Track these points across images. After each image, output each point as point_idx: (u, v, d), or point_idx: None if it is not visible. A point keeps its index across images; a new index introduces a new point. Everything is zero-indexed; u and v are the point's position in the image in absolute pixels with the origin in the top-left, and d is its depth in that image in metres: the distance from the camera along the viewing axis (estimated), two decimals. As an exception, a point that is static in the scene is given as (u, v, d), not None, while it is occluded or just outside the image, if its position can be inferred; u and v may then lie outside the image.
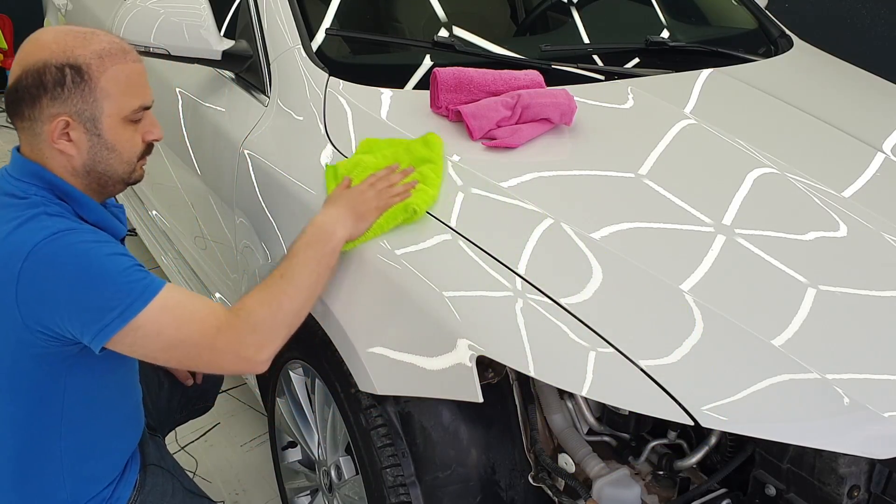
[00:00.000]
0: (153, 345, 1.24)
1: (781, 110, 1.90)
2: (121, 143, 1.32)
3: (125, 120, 1.32)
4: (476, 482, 1.35)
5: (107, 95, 1.28)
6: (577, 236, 1.34)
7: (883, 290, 1.31)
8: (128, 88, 1.31)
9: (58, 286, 1.20)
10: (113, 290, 1.21)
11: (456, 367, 1.22)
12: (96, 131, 1.29)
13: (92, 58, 1.26)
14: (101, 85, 1.27)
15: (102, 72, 1.27)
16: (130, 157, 1.35)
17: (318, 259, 1.33)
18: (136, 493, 1.50)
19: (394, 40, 2.13)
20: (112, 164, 1.33)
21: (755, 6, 2.56)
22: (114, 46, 1.30)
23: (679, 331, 1.18)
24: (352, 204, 1.38)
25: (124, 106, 1.30)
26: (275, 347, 1.31)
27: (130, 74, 1.31)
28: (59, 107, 1.26)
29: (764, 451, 1.26)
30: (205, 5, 1.83)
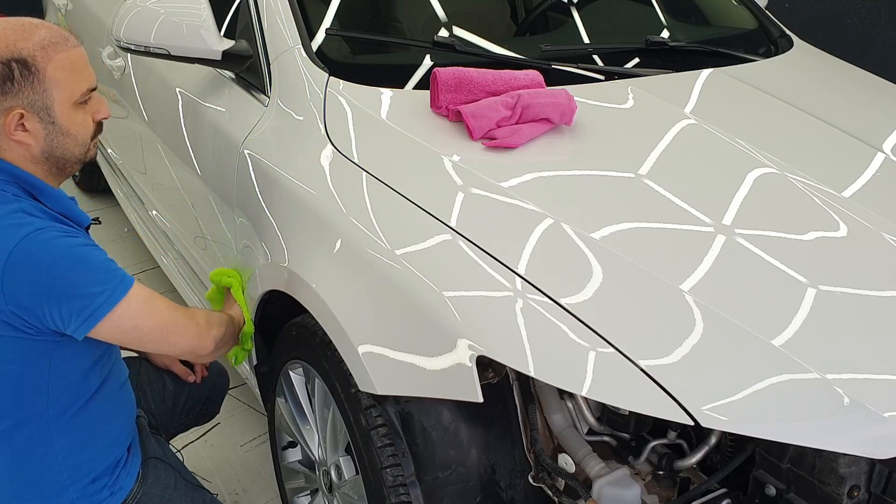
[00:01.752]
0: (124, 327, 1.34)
1: (781, 110, 1.89)
2: (74, 126, 1.37)
3: (76, 104, 1.36)
4: (476, 482, 1.35)
5: (56, 84, 1.32)
6: (577, 236, 1.34)
7: (883, 290, 1.31)
8: (74, 74, 1.34)
9: (43, 280, 1.25)
10: (97, 279, 1.29)
11: (456, 367, 1.22)
12: (50, 119, 1.33)
13: (36, 49, 1.30)
14: (49, 74, 1.31)
15: (48, 61, 1.31)
16: (84, 138, 1.40)
17: None
18: (138, 485, 1.52)
19: (394, 40, 2.13)
20: (69, 147, 1.37)
21: (755, 6, 2.56)
22: (54, 35, 1.34)
23: (679, 331, 1.18)
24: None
25: (74, 91, 1.35)
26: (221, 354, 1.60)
27: (74, 60, 1.35)
28: (12, 100, 1.29)
29: (764, 451, 1.26)
30: (205, 5, 1.83)
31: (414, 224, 1.41)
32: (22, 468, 1.40)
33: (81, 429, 1.43)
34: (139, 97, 2.50)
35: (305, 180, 1.60)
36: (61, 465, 1.42)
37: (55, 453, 1.41)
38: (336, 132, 1.66)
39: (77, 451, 1.43)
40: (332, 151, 1.62)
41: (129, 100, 2.58)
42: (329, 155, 1.62)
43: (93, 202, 3.82)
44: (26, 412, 1.37)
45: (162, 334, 1.41)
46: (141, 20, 1.82)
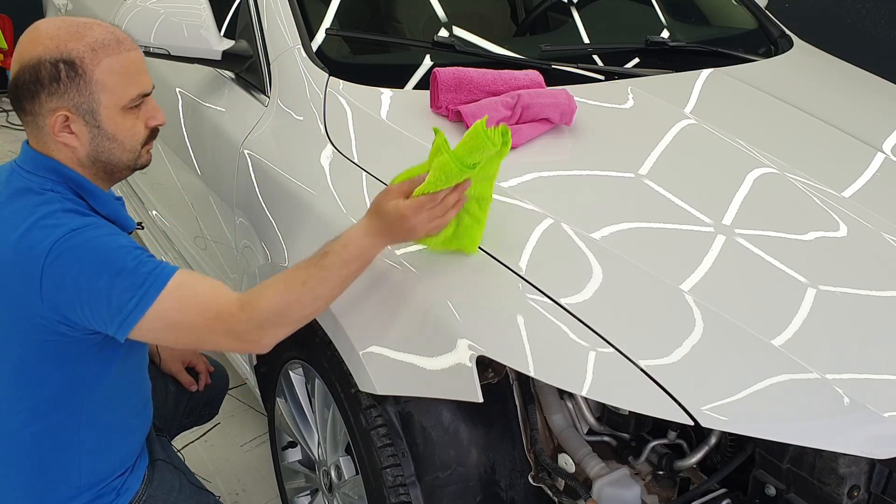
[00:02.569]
0: (160, 327, 1.26)
1: (781, 110, 1.89)
2: (121, 132, 1.33)
3: (124, 109, 1.32)
4: (476, 482, 1.35)
5: (103, 87, 1.29)
6: (577, 236, 1.34)
7: (883, 290, 1.31)
8: (124, 79, 1.31)
9: (79, 282, 1.22)
10: (129, 280, 1.23)
11: (456, 367, 1.22)
12: (95, 123, 1.30)
13: (85, 51, 1.27)
14: (96, 77, 1.28)
15: (96, 64, 1.28)
16: (133, 144, 1.36)
17: (344, 277, 1.30)
18: (144, 486, 1.52)
19: (394, 40, 2.13)
20: (115, 152, 1.34)
21: (755, 6, 2.56)
22: (107, 37, 1.30)
23: (679, 331, 1.18)
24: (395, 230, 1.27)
25: (122, 96, 1.31)
26: (275, 340, 1.31)
27: (126, 64, 1.32)
28: (57, 101, 1.27)
29: (764, 451, 1.26)
30: (205, 5, 1.83)
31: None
32: (42, 470, 1.39)
33: (109, 430, 1.42)
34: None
35: (305, 180, 1.60)
36: (82, 469, 1.41)
37: (79, 456, 1.40)
38: (336, 132, 1.66)
39: (100, 453, 1.42)
40: (332, 151, 1.62)
41: (129, 100, 2.57)
42: (329, 155, 1.62)
43: (93, 202, 3.82)
44: (62, 414, 1.36)
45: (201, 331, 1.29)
46: (141, 20, 1.82)
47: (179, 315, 1.26)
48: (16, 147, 4.80)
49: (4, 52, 5.33)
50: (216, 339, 1.30)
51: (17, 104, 1.30)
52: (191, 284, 1.29)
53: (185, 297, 1.27)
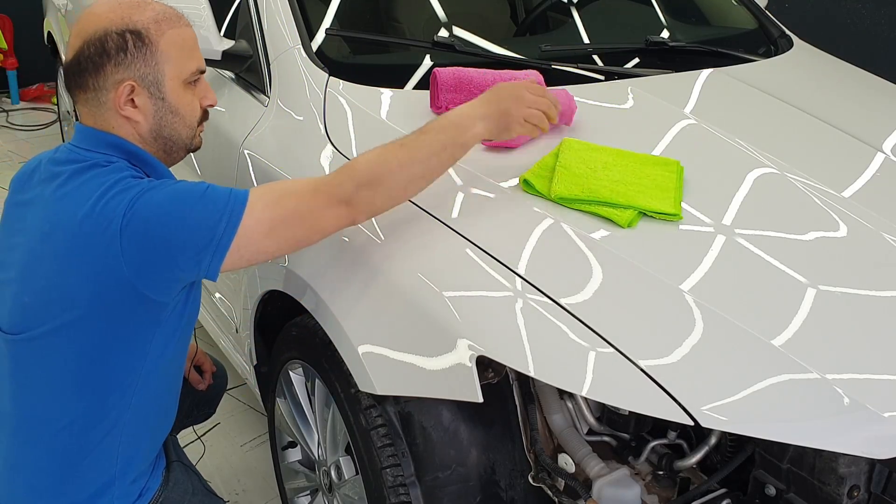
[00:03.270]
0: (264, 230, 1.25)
1: (781, 110, 1.90)
2: (183, 106, 1.35)
3: (185, 83, 1.34)
4: (476, 482, 1.35)
5: (167, 59, 1.31)
6: (577, 236, 1.34)
7: (883, 290, 1.31)
8: (185, 51, 1.33)
9: (164, 228, 1.21)
10: (212, 206, 1.23)
11: (456, 367, 1.22)
12: (160, 94, 1.32)
13: (150, 22, 1.29)
14: (162, 48, 1.30)
15: (161, 35, 1.30)
16: (192, 121, 1.37)
17: (444, 144, 1.32)
18: (161, 489, 1.50)
19: (394, 40, 2.13)
20: (177, 128, 1.35)
21: (755, 6, 2.56)
22: (168, 11, 1.34)
23: (679, 331, 1.18)
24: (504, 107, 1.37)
25: (184, 68, 1.33)
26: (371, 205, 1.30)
27: (186, 38, 1.35)
28: (124, 72, 1.28)
29: (764, 451, 1.26)
30: (205, 5, 1.83)
31: (414, 224, 1.41)
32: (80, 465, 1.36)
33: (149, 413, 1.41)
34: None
35: (305, 180, 1.60)
36: (118, 463, 1.39)
37: (118, 448, 1.37)
38: (336, 132, 1.66)
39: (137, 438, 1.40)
40: (331, 151, 1.62)
41: (129, 100, 2.57)
42: (329, 155, 1.62)
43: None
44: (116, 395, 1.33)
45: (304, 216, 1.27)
46: (141, 20, 1.82)
47: (276, 210, 1.26)
48: (16, 147, 4.80)
49: (4, 52, 5.33)
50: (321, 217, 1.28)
51: (78, 80, 1.30)
52: (271, 185, 1.31)
53: (273, 194, 1.27)
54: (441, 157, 1.34)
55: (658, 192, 1.44)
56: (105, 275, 1.23)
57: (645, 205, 1.40)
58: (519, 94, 1.42)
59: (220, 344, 2.31)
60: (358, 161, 1.30)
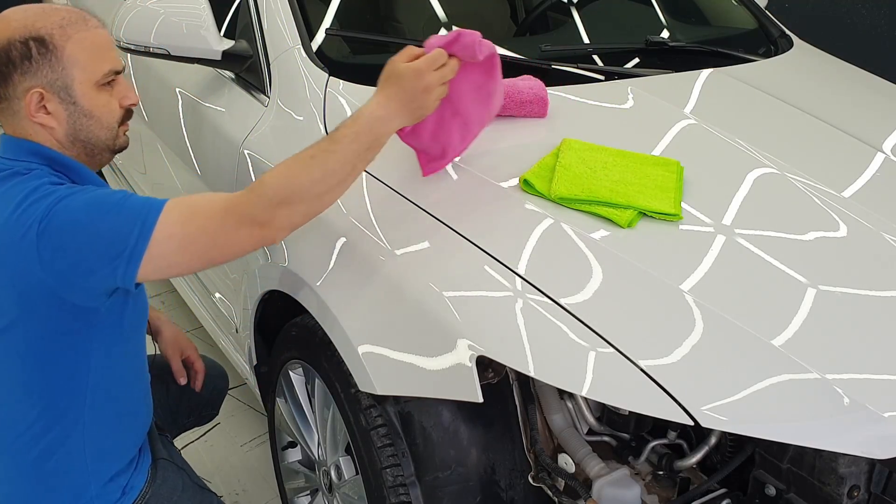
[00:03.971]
0: (173, 247, 1.24)
1: (781, 110, 1.89)
2: (97, 108, 1.34)
3: (97, 85, 1.33)
4: (476, 482, 1.35)
5: (74, 63, 1.30)
6: (577, 236, 1.34)
7: (883, 290, 1.31)
8: (94, 53, 1.32)
9: (77, 234, 1.22)
10: (125, 216, 1.22)
11: (456, 367, 1.22)
12: (71, 99, 1.31)
13: (54, 28, 1.29)
14: (68, 53, 1.29)
15: (66, 40, 1.29)
16: (110, 122, 1.36)
17: (358, 152, 1.27)
18: (148, 485, 1.51)
19: (394, 40, 2.13)
20: (93, 130, 1.35)
21: (755, 6, 2.56)
22: (73, 16, 1.32)
23: (679, 331, 1.18)
24: (409, 91, 1.29)
25: (94, 71, 1.32)
26: (289, 222, 1.26)
27: (95, 40, 1.33)
28: (31, 80, 1.28)
29: (764, 451, 1.26)
30: (205, 5, 1.83)
31: (414, 224, 1.41)
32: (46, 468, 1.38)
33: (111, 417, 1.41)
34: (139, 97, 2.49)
35: (305, 180, 1.60)
36: (87, 462, 1.40)
37: (84, 448, 1.39)
38: (336, 132, 1.65)
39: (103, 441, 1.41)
40: (332, 151, 1.61)
41: (129, 100, 2.57)
42: (329, 155, 1.61)
43: (93, 202, 3.82)
44: (67, 399, 1.35)
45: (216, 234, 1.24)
46: (141, 20, 1.82)
47: (187, 227, 1.24)
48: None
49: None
50: (232, 237, 1.25)
51: None
52: (186, 199, 1.27)
53: (186, 209, 1.25)
54: (356, 164, 1.29)
55: (658, 192, 1.44)
56: (27, 281, 1.24)
57: (645, 205, 1.40)
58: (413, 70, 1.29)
59: (220, 344, 2.31)
60: (268, 178, 1.25)
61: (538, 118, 1.71)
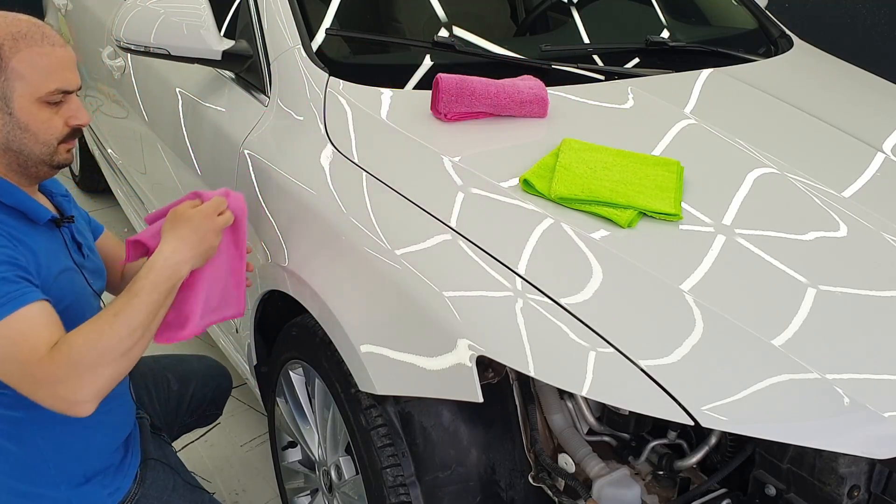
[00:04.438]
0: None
1: (781, 110, 1.90)
2: (34, 123, 1.32)
3: (40, 101, 1.31)
4: (476, 482, 1.35)
5: (19, 76, 1.29)
6: (577, 236, 1.34)
7: (883, 290, 1.31)
8: (43, 71, 1.30)
9: None
10: None
11: (456, 367, 1.22)
12: (7, 110, 1.30)
13: (6, 38, 1.28)
14: (13, 65, 1.28)
15: (15, 52, 1.28)
16: (47, 138, 1.34)
17: (160, 302, 1.28)
18: (136, 486, 1.52)
19: (394, 40, 2.13)
20: (27, 143, 1.32)
21: (755, 6, 2.56)
22: (33, 30, 1.31)
23: (679, 331, 1.18)
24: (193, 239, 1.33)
25: (38, 87, 1.30)
26: (96, 389, 1.20)
27: (47, 57, 1.31)
28: None
29: (764, 451, 1.26)
30: (205, 5, 1.83)
31: (414, 224, 1.41)
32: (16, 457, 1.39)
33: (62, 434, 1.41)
34: (139, 97, 2.50)
35: (305, 180, 1.60)
36: (49, 464, 1.41)
37: (41, 452, 1.40)
38: (336, 132, 1.66)
39: (61, 453, 1.42)
40: (332, 151, 1.62)
41: (129, 100, 2.58)
42: (329, 155, 1.62)
43: (93, 202, 3.82)
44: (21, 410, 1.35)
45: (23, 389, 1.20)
46: (141, 20, 1.82)
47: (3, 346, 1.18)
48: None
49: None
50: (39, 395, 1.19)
51: None
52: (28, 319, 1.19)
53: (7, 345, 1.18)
54: (158, 312, 1.28)
55: (658, 192, 1.44)
56: None
57: (645, 205, 1.40)
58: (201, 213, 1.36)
59: (219, 344, 2.31)
60: (75, 340, 1.19)
61: (538, 118, 1.71)
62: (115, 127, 2.84)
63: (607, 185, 1.44)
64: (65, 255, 1.41)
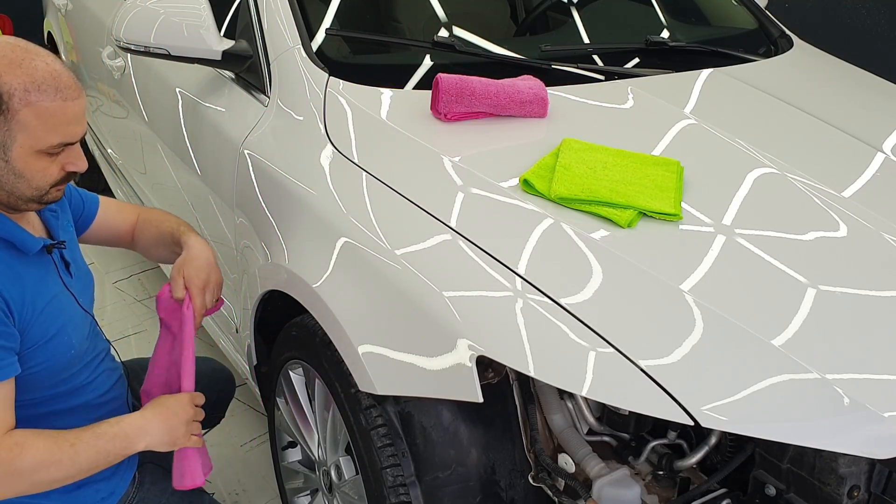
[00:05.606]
0: None
1: (781, 110, 1.90)
2: (29, 171, 1.29)
3: (39, 152, 1.28)
4: (476, 482, 1.35)
5: (23, 128, 1.24)
6: (577, 236, 1.34)
7: (883, 290, 1.31)
8: (48, 126, 1.26)
9: None
10: None
11: (456, 367, 1.22)
12: (4, 157, 1.26)
13: (18, 89, 1.23)
14: (20, 118, 1.23)
15: (25, 105, 1.23)
16: (40, 184, 1.31)
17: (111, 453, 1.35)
18: (134, 490, 1.51)
19: (394, 40, 2.13)
20: (18, 186, 1.29)
21: (755, 6, 2.56)
22: (48, 81, 1.25)
23: (679, 331, 1.18)
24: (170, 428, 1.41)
25: (40, 140, 1.26)
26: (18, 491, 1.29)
27: (57, 112, 1.26)
28: None
29: (764, 451, 1.26)
30: (205, 5, 1.83)
31: (414, 224, 1.41)
32: None
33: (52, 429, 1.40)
34: (139, 97, 2.50)
35: (305, 180, 1.60)
36: None
37: None
38: (336, 132, 1.66)
39: None
40: (332, 151, 1.62)
41: (129, 100, 2.58)
42: (329, 155, 1.62)
43: (93, 202, 3.81)
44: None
45: None
46: (141, 20, 1.82)
47: None
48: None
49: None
50: None
51: None
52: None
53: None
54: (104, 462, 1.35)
55: (658, 192, 1.44)
56: None
57: (645, 205, 1.40)
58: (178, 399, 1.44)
59: (219, 344, 2.31)
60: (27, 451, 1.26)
61: (538, 118, 1.71)
62: (115, 127, 2.84)
63: (607, 185, 1.44)
64: (54, 280, 1.39)
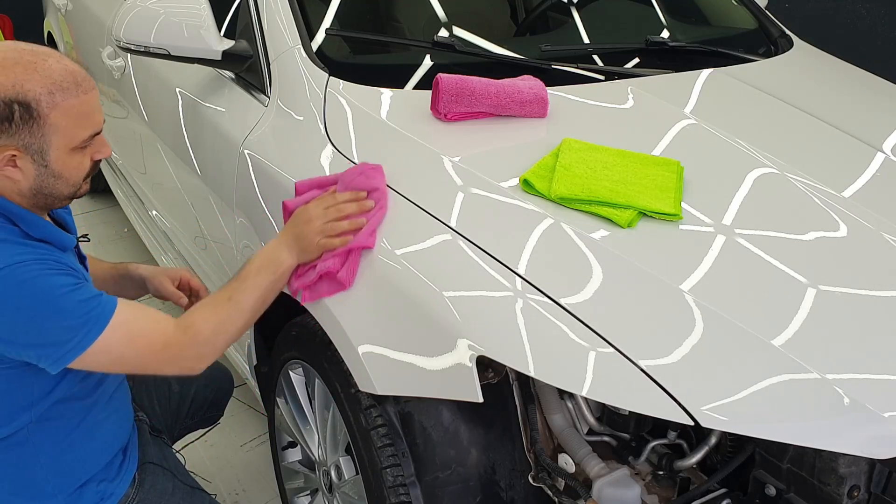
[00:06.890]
0: (104, 360, 1.31)
1: (781, 110, 1.90)
2: (67, 170, 1.32)
3: (74, 149, 1.31)
4: (476, 482, 1.35)
5: (56, 130, 1.26)
6: (577, 236, 1.34)
7: (883, 290, 1.31)
8: (78, 121, 1.29)
9: (14, 321, 1.23)
10: (69, 321, 1.25)
11: (456, 367, 1.22)
12: (43, 162, 1.28)
13: (42, 94, 1.24)
14: (51, 121, 1.25)
15: (53, 108, 1.25)
16: (77, 179, 1.35)
17: (265, 286, 1.42)
18: (135, 491, 1.52)
19: (394, 40, 2.13)
20: (58, 187, 1.33)
21: (755, 6, 2.56)
22: (65, 78, 1.27)
23: (679, 331, 1.18)
24: (297, 232, 1.43)
25: (74, 137, 1.29)
26: (213, 359, 1.42)
27: (82, 107, 1.29)
28: (6, 140, 1.24)
29: (764, 451, 1.26)
30: (205, 5, 1.83)
31: (414, 224, 1.41)
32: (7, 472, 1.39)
33: (66, 435, 1.42)
34: (139, 97, 2.50)
35: (305, 180, 1.60)
36: (46, 472, 1.41)
37: (38, 459, 1.40)
38: (336, 132, 1.66)
39: (61, 456, 1.42)
40: (332, 151, 1.62)
41: (129, 100, 2.58)
42: (329, 155, 1.62)
43: (93, 202, 3.82)
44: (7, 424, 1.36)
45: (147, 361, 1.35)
46: (141, 20, 1.82)
47: (125, 348, 1.31)
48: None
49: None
50: (160, 368, 1.38)
51: None
52: (133, 319, 1.33)
53: (130, 333, 1.31)
54: (266, 297, 1.43)
55: (658, 192, 1.44)
56: None
57: (645, 205, 1.40)
58: (307, 216, 1.43)
59: (220, 344, 2.31)
60: (201, 325, 1.37)
61: (538, 118, 1.71)
62: (115, 127, 2.84)
63: (607, 185, 1.44)
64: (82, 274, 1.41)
